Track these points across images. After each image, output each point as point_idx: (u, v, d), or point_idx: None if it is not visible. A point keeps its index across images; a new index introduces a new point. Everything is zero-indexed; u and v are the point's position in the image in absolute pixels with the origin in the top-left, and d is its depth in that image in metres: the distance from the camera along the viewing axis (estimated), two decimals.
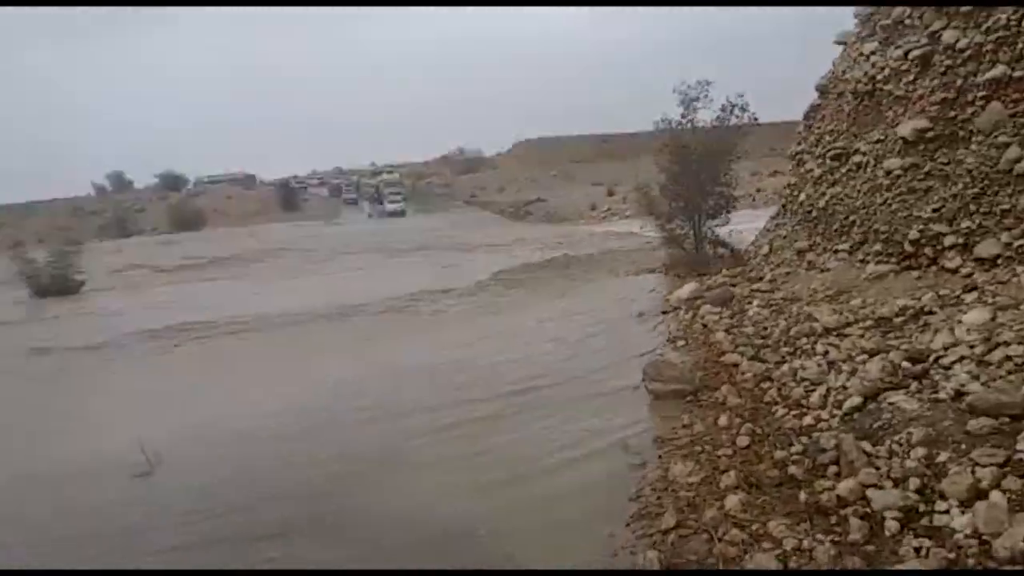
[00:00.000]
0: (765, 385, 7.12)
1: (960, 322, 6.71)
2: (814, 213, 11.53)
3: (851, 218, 10.37)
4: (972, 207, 8.30)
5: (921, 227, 8.84)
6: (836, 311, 8.12)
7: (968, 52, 8.82)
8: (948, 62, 9.12)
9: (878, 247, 9.61)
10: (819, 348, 7.32)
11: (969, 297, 7.36)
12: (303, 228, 57.74)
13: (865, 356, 6.66)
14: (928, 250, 8.74)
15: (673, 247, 16.26)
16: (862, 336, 7.27)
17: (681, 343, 9.69)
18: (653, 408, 7.44)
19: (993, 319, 6.52)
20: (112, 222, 77.95)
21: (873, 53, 10.37)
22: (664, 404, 7.40)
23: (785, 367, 7.28)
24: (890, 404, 5.63)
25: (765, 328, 8.82)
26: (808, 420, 6.04)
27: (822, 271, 10.61)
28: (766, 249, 13.09)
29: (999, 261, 7.78)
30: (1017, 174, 7.80)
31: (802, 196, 12.01)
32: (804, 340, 7.72)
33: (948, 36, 9.14)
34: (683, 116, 15.81)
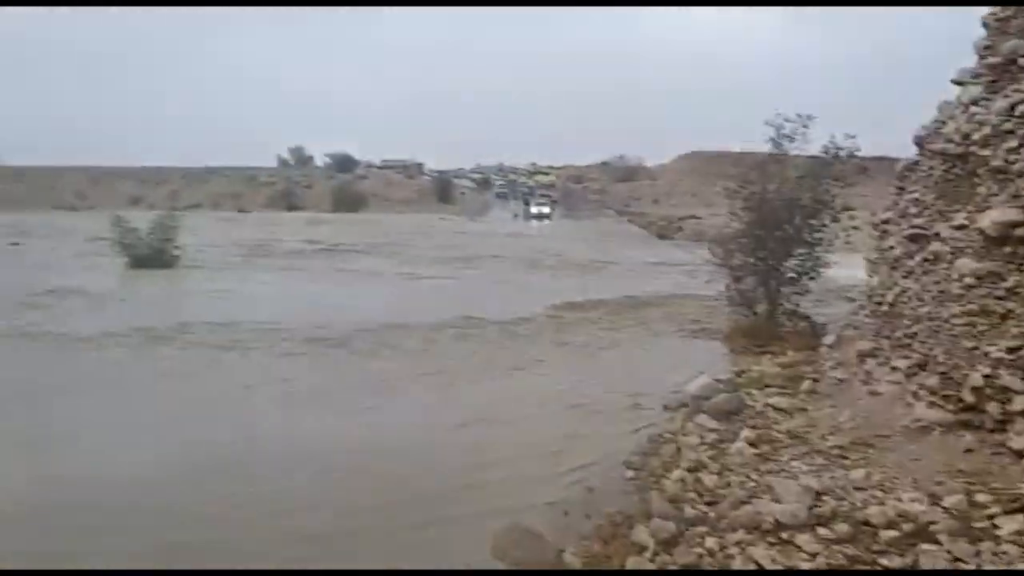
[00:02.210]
0: None
1: None
2: (884, 307, 8.48)
3: (914, 328, 7.34)
4: None
5: (988, 371, 5.81)
6: (813, 489, 5.34)
7: None
8: None
9: (934, 381, 6.58)
10: (738, 564, 4.68)
11: (1008, 525, 4.43)
12: (445, 221, 57.96)
13: None
14: (993, 407, 5.71)
15: (739, 311, 13.34)
16: (811, 558, 4.55)
17: (631, 474, 7.16)
18: None
19: None
20: (279, 195, 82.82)
21: (975, 103, 7.19)
22: None
23: None
24: None
25: (728, 484, 6.14)
26: None
27: (872, 394, 7.67)
28: (833, 338, 10.12)
29: None
30: None
31: (875, 280, 8.95)
32: (737, 536, 5.05)
33: None
34: (771, 155, 12.94)
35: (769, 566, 4.51)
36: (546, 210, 67.46)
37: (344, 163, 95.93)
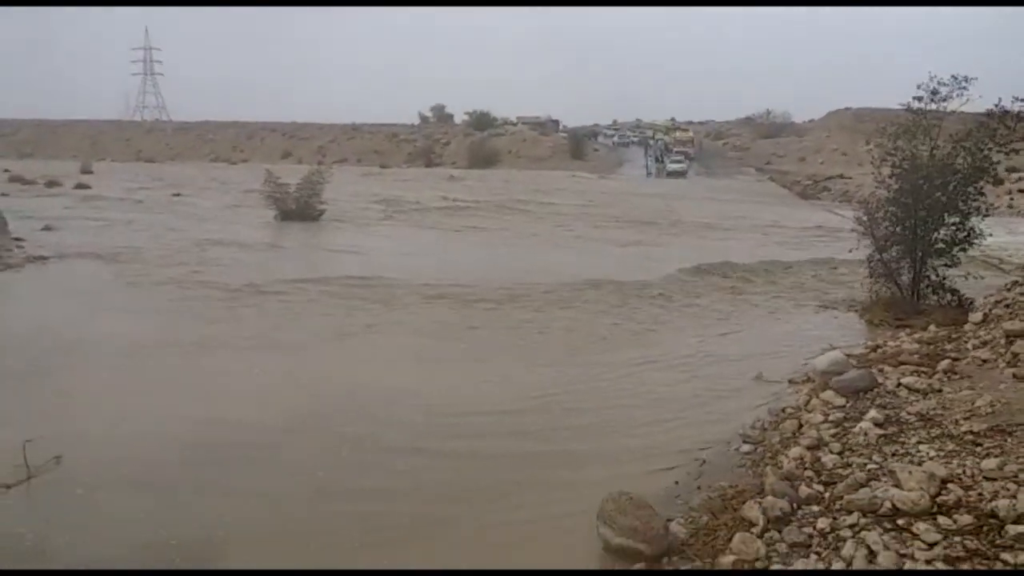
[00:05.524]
0: None
1: None
2: None
3: None
4: None
5: None
6: (939, 476, 5.11)
7: None
8: None
9: None
10: (848, 547, 4.58)
11: None
12: (575, 180, 57.85)
13: None
14: None
15: (880, 283, 12.66)
16: (928, 548, 4.41)
17: (748, 448, 7.08)
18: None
19: None
20: (419, 151, 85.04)
21: None
22: (607, 561, 5.20)
23: (776, 564, 4.68)
24: None
25: (848, 465, 5.98)
26: None
27: (1017, 378, 7.24)
28: (980, 316, 9.52)
29: None
30: None
31: None
32: (851, 519, 4.93)
33: None
34: (924, 118, 12.10)
35: (882, 552, 4.40)
36: (681, 167, 65.87)
37: (481, 120, 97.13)
